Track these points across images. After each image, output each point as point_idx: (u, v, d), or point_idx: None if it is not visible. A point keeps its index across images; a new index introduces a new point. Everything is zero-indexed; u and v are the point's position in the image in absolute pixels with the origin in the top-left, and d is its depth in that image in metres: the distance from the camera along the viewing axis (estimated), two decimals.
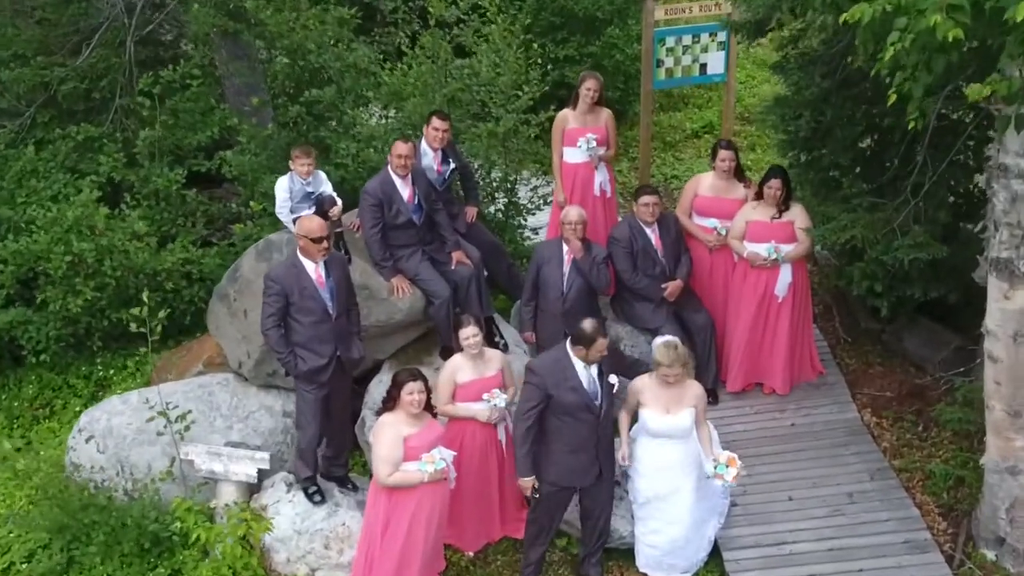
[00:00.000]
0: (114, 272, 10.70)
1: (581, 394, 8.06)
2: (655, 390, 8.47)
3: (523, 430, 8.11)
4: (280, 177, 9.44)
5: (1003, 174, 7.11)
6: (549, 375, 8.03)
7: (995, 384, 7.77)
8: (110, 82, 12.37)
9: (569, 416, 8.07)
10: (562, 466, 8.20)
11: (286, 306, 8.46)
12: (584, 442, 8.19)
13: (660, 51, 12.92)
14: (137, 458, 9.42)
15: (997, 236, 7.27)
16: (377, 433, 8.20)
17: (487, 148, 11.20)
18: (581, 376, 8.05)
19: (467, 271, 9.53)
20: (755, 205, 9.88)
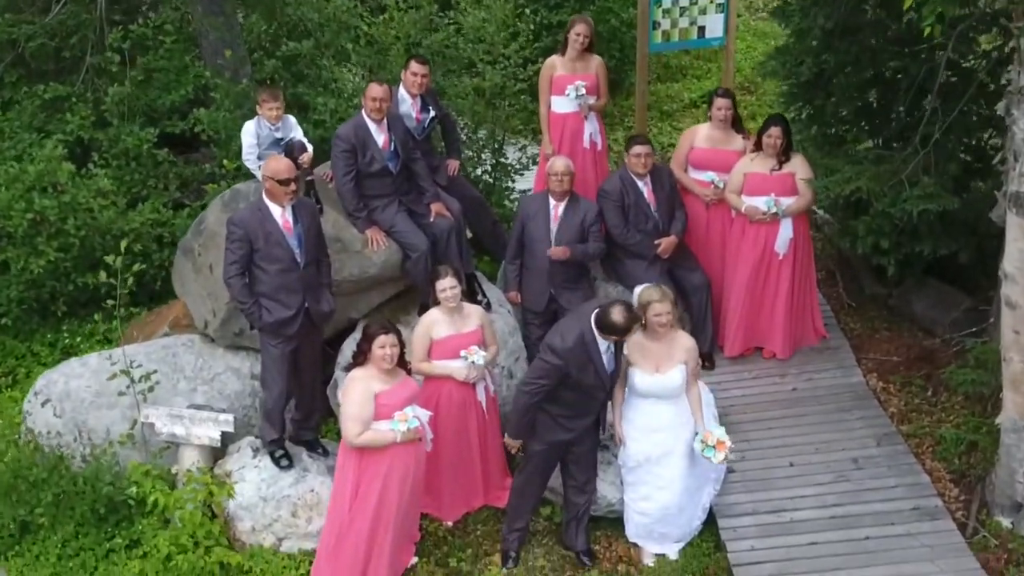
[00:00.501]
0: (78, 231, 10.12)
1: (602, 375, 7.58)
2: (644, 346, 7.89)
3: (528, 403, 7.59)
4: (247, 122, 8.86)
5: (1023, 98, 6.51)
6: (573, 359, 7.46)
7: (1013, 334, 7.18)
8: (80, 39, 11.80)
9: (582, 392, 7.60)
10: (561, 429, 7.72)
11: (250, 253, 7.88)
12: (587, 410, 7.77)
13: (656, 13, 12.28)
14: (96, 422, 8.84)
15: (1017, 168, 6.67)
16: (346, 389, 7.63)
17: (473, 105, 10.67)
18: (604, 357, 7.55)
19: (447, 224, 8.95)
20: (753, 157, 9.31)
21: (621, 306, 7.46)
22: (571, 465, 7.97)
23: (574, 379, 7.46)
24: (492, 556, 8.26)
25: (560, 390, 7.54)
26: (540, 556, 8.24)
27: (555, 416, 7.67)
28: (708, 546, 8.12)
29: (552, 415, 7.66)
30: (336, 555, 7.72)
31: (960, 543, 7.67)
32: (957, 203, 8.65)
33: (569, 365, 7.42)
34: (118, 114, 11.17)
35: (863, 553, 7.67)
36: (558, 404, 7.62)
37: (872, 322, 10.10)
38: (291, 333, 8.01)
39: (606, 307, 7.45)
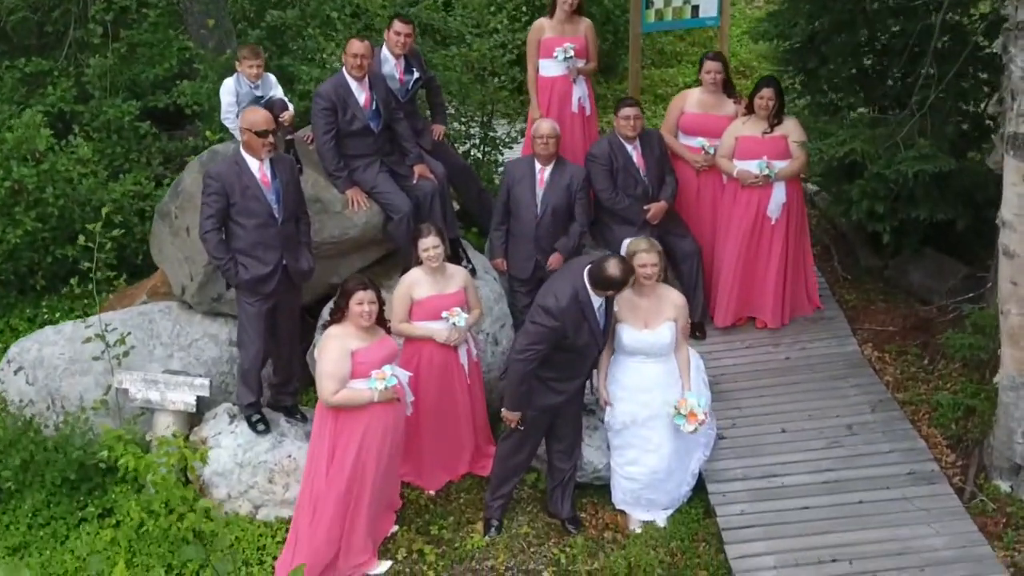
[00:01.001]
0: (56, 200, 9.88)
1: (596, 334, 7.38)
2: (632, 301, 7.65)
3: (525, 370, 7.31)
4: (226, 80, 8.65)
5: (1021, 33, 6.29)
6: (569, 318, 7.21)
7: (1011, 285, 6.93)
8: (63, 13, 11.62)
9: (575, 352, 7.37)
10: (550, 392, 7.48)
11: (227, 207, 7.66)
12: (578, 373, 7.54)
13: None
14: (69, 389, 8.61)
15: (1014, 107, 6.44)
16: (322, 347, 7.39)
17: (460, 76, 10.47)
18: (599, 315, 7.34)
19: (430, 186, 8.72)
20: (745, 120, 9.08)
21: (615, 259, 7.25)
22: (557, 429, 7.72)
23: (569, 340, 7.22)
24: (475, 524, 8.00)
25: (552, 353, 7.29)
26: (524, 524, 7.97)
27: (546, 380, 7.42)
28: (697, 512, 7.86)
29: (543, 379, 7.40)
30: (313, 522, 7.45)
31: (957, 506, 7.42)
32: (954, 164, 8.42)
33: (565, 326, 7.18)
34: (100, 87, 10.95)
35: (856, 516, 7.41)
36: (549, 367, 7.36)
37: (868, 294, 9.86)
38: (268, 291, 7.79)
39: (600, 262, 7.22)
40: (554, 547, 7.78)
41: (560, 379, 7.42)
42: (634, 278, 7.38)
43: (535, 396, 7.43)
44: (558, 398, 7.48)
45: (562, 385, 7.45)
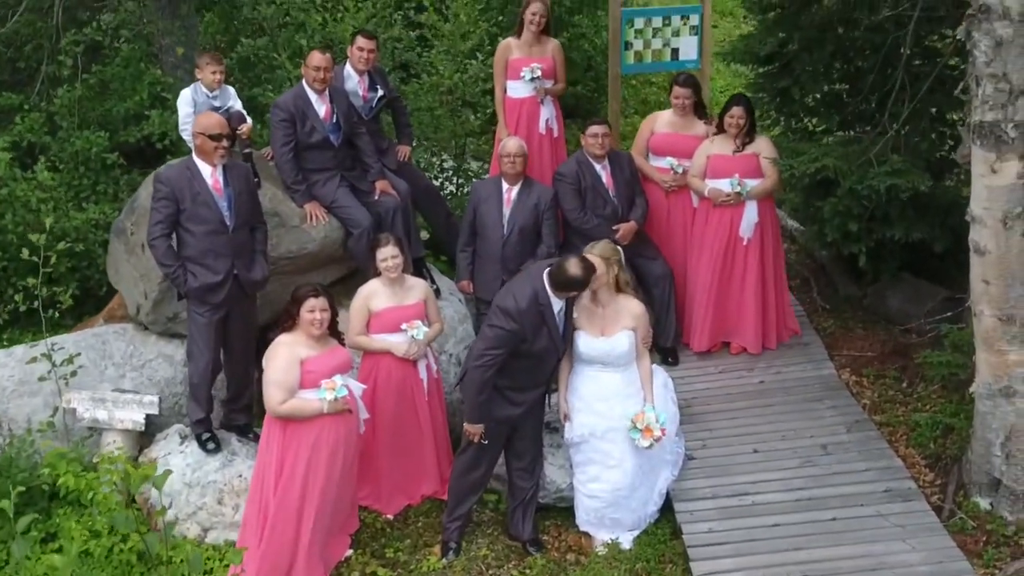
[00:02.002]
0: (16, 228, 9.67)
1: (555, 339, 7.09)
2: (590, 308, 7.41)
3: (483, 378, 7.01)
4: (183, 90, 8.49)
5: (984, 17, 6.11)
6: (528, 321, 6.95)
7: (983, 284, 6.66)
8: (35, 48, 11.53)
9: (533, 359, 7.09)
10: (507, 403, 7.18)
11: (176, 213, 7.44)
12: (535, 381, 7.23)
13: (628, 32, 11.99)
14: (16, 411, 8.29)
15: (980, 93, 6.23)
16: (271, 355, 7.11)
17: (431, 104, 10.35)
18: (558, 319, 7.08)
19: (392, 202, 8.52)
20: (715, 139, 8.89)
21: (576, 258, 7.02)
22: (516, 445, 7.41)
23: (527, 345, 6.95)
24: (432, 547, 7.62)
25: (510, 360, 7.00)
26: (483, 546, 7.61)
27: (503, 390, 7.12)
28: (664, 533, 7.50)
29: (499, 389, 7.11)
30: (261, 542, 7.10)
31: (934, 523, 7.07)
32: (928, 180, 8.23)
33: (524, 329, 6.91)
34: (69, 118, 10.81)
35: (829, 533, 7.07)
36: (506, 375, 7.07)
37: (846, 322, 9.60)
38: (218, 301, 7.53)
39: (560, 262, 7.00)
40: (514, 569, 7.41)
41: (517, 388, 7.12)
42: (594, 276, 7.10)
43: (493, 406, 7.13)
44: (515, 410, 7.18)
45: (519, 396, 7.15)
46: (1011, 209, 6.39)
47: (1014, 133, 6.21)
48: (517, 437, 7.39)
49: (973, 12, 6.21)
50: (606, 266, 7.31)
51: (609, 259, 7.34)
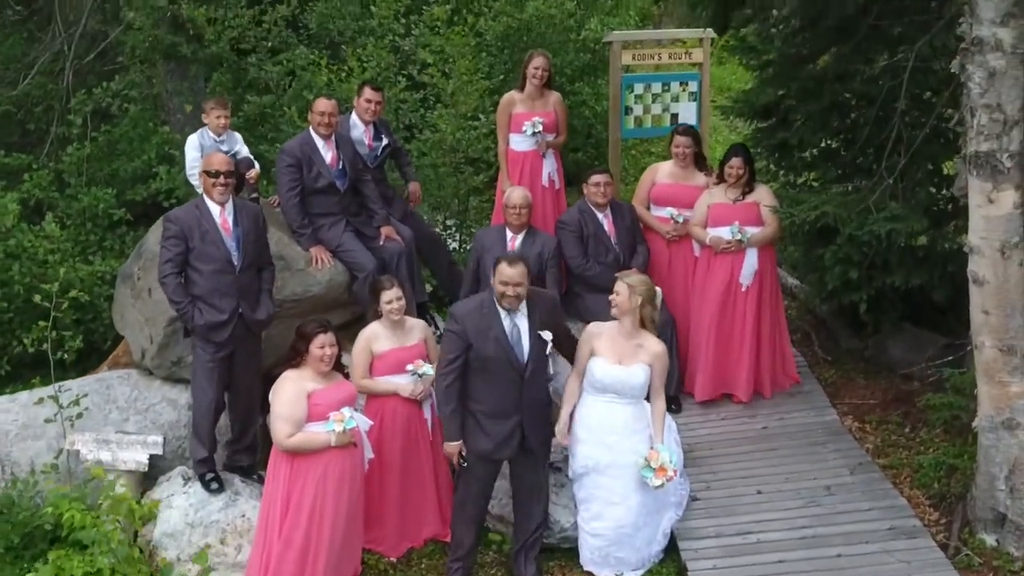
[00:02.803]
0: (23, 279, 9.77)
1: (503, 346, 7.03)
2: (612, 337, 7.41)
3: (443, 387, 7.09)
4: (190, 135, 8.64)
5: (978, 49, 6.27)
6: (470, 321, 7.03)
7: (983, 315, 6.73)
8: (46, 110, 11.77)
9: (489, 372, 7.05)
10: (481, 433, 7.14)
11: (186, 252, 7.52)
12: (506, 405, 7.12)
13: (628, 98, 12.23)
14: (19, 454, 8.30)
15: (975, 124, 6.36)
16: (277, 389, 7.14)
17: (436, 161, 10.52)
18: (505, 324, 7.04)
19: (396, 248, 8.63)
20: (716, 188, 9.03)
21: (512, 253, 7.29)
22: (515, 485, 7.43)
23: (476, 350, 6.96)
24: None
25: (471, 376, 7.06)
26: None
27: (476, 414, 7.12)
28: (669, 572, 7.47)
29: (473, 412, 7.12)
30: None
31: (941, 559, 7.04)
32: (927, 224, 8.34)
33: (467, 328, 6.97)
34: (76, 174, 10.98)
35: (834, 570, 7.04)
36: (473, 395, 7.11)
37: (848, 372, 9.63)
38: (222, 339, 7.58)
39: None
40: None
41: (487, 413, 7.08)
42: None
43: (469, 436, 7.13)
44: (488, 442, 7.12)
45: (491, 425, 7.09)
46: (1008, 239, 6.49)
47: (1009, 163, 6.34)
48: (514, 479, 7.38)
49: (966, 46, 6.37)
50: (629, 293, 7.33)
51: (634, 287, 7.37)
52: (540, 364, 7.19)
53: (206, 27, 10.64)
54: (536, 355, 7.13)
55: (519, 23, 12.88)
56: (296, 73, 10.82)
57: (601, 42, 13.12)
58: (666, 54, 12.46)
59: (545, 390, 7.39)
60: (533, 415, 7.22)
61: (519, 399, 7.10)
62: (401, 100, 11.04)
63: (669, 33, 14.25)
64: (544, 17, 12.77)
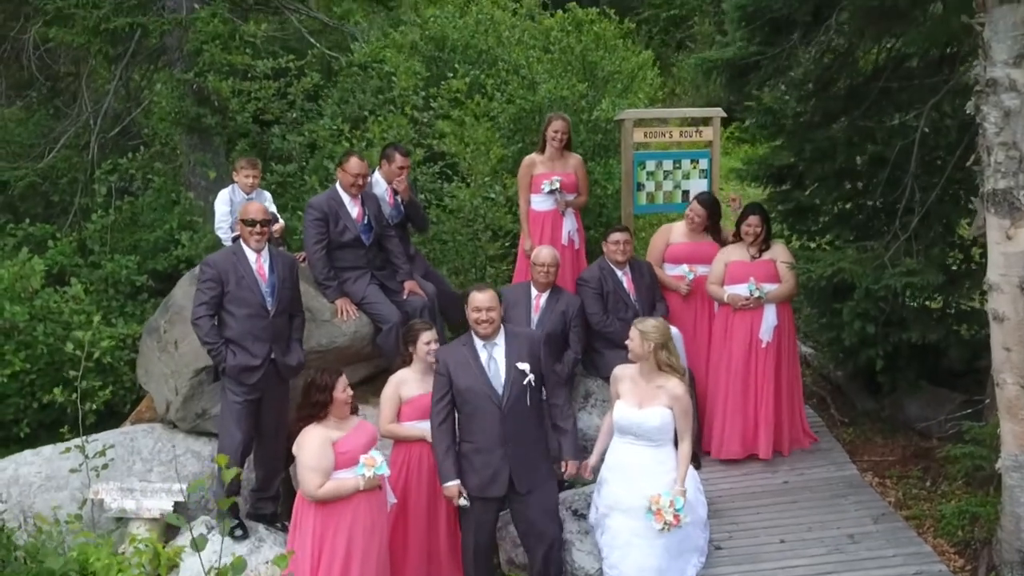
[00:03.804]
0: (47, 339, 9.87)
1: (480, 378, 7.07)
2: (635, 380, 7.49)
3: (435, 427, 7.15)
4: (221, 191, 8.84)
5: (992, 90, 6.47)
6: (450, 357, 7.15)
7: (1004, 352, 6.81)
8: (70, 182, 12.01)
9: (469, 405, 7.10)
10: (470, 471, 7.14)
11: (221, 296, 7.66)
12: (488, 440, 7.10)
13: (640, 175, 12.47)
14: (43, 505, 8.31)
15: (991, 161, 6.54)
16: (303, 442, 7.07)
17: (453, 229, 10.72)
18: (481, 357, 7.12)
19: (420, 302, 8.76)
20: (733, 247, 9.20)
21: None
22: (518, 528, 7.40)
23: (456, 385, 7.04)
24: None
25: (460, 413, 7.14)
26: None
27: (466, 452, 7.14)
28: None
29: (464, 452, 7.14)
30: None
31: None
32: (942, 278, 8.47)
33: (449, 367, 7.08)
34: (99, 242, 11.16)
35: None
36: (463, 434, 7.16)
37: (866, 432, 9.70)
38: (253, 382, 7.66)
39: None
40: None
41: (475, 449, 7.10)
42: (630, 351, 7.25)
43: (464, 472, 7.13)
44: (476, 479, 7.10)
45: (478, 460, 7.08)
46: None
47: None
48: (514, 517, 7.37)
49: (980, 88, 6.58)
50: (641, 339, 7.43)
51: (646, 333, 7.45)
52: (519, 397, 7.13)
53: (231, 99, 10.89)
54: (513, 387, 7.11)
55: (531, 104, 13.20)
56: (318, 144, 11.05)
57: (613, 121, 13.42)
58: (677, 132, 12.72)
59: (533, 425, 7.26)
60: (518, 450, 7.13)
61: (501, 432, 7.08)
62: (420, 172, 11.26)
63: (680, 112, 14.58)
64: (556, 99, 13.06)
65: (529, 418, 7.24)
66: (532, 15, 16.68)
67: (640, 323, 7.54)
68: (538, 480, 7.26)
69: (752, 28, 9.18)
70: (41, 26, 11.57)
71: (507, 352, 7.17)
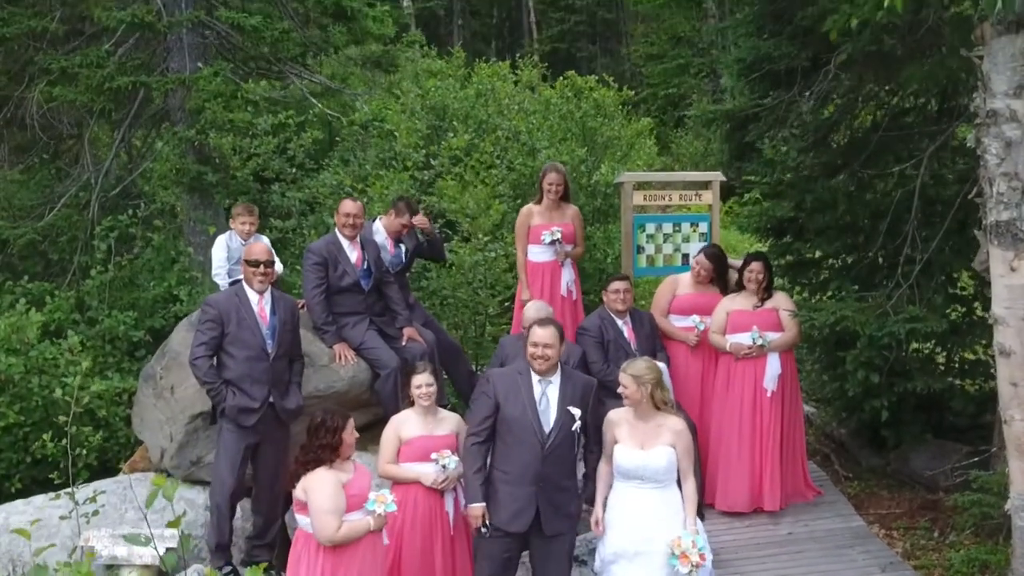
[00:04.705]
0: (41, 391, 9.77)
1: (529, 411, 6.94)
2: (632, 423, 7.33)
3: (470, 446, 7.01)
4: (219, 236, 8.81)
5: (992, 121, 6.47)
6: (501, 383, 7.02)
7: (1011, 387, 6.71)
8: (70, 240, 12.00)
9: (513, 436, 6.94)
10: (496, 501, 6.96)
11: (221, 337, 7.59)
12: (523, 474, 6.93)
13: (640, 237, 12.47)
14: (31, 555, 8.12)
15: (993, 192, 6.51)
16: (314, 487, 6.79)
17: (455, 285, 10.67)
18: (535, 391, 7.00)
19: (419, 348, 8.68)
20: (735, 295, 9.14)
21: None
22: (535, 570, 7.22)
23: (503, 412, 6.90)
24: None
25: (497, 439, 6.98)
26: None
27: (495, 480, 6.97)
28: None
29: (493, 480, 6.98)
30: None
31: None
32: (945, 325, 8.42)
33: (498, 389, 6.95)
34: (97, 298, 11.11)
35: None
36: (496, 462, 7.00)
37: (871, 487, 9.56)
38: (251, 424, 7.56)
39: None
40: None
41: (506, 479, 6.94)
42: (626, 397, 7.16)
43: (492, 504, 6.96)
44: (502, 511, 6.93)
45: (507, 492, 6.92)
46: None
47: None
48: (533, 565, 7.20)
49: (981, 120, 6.58)
50: (636, 384, 7.31)
51: (639, 377, 7.34)
52: (565, 439, 7.03)
53: (231, 155, 10.93)
54: (561, 428, 7.00)
55: (531, 170, 13.27)
56: (319, 200, 11.07)
57: (612, 186, 13.47)
58: (676, 195, 12.75)
59: (567, 472, 7.15)
60: (550, 491, 6.99)
61: (539, 470, 6.94)
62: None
63: (679, 175, 14.60)
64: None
65: (567, 462, 7.14)
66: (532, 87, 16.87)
67: (630, 367, 7.37)
68: (565, 526, 7.13)
69: (752, 80, 9.23)
70: (46, 86, 11.64)
71: (561, 392, 7.07)
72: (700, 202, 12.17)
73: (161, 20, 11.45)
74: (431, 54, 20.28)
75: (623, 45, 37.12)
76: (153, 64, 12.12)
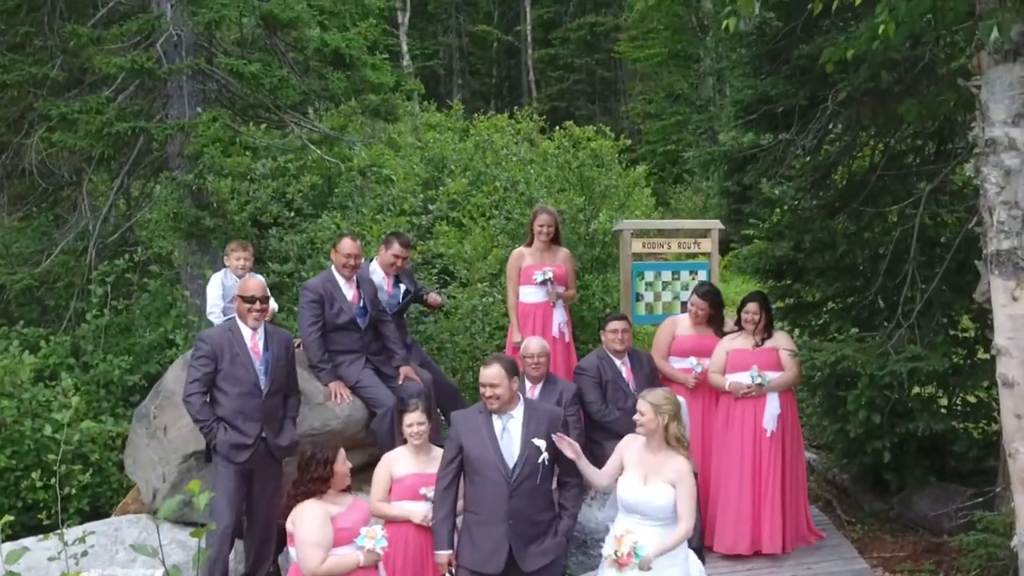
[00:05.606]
0: (34, 434, 9.66)
1: (491, 447, 6.80)
2: (641, 453, 7.19)
3: (440, 490, 6.89)
4: (213, 275, 8.76)
5: (991, 150, 6.45)
6: (462, 423, 6.90)
7: (1015, 419, 6.62)
8: (67, 286, 11.95)
9: (478, 475, 6.81)
10: (469, 543, 6.84)
11: (214, 373, 7.52)
12: (492, 513, 6.78)
13: (639, 285, 12.46)
14: None
15: (994, 221, 6.47)
16: (301, 517, 6.74)
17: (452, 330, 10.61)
18: (496, 427, 6.86)
19: (415, 387, 8.58)
20: (734, 336, 9.07)
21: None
22: None
23: (466, 451, 6.78)
24: None
25: (466, 480, 6.86)
26: None
27: (469, 523, 6.87)
28: None
29: (467, 523, 6.88)
30: None
31: None
32: (947, 364, 8.35)
33: (460, 432, 6.84)
34: (93, 342, 11.04)
35: None
36: (468, 504, 6.89)
37: (875, 532, 9.44)
38: (243, 460, 7.46)
39: None
40: None
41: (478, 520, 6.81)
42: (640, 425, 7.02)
43: (460, 546, 6.87)
44: (475, 553, 6.79)
45: (479, 533, 6.78)
46: None
47: None
48: None
49: (980, 149, 6.56)
50: (654, 412, 7.17)
51: (659, 406, 7.21)
52: (532, 473, 6.84)
53: (229, 199, 10.91)
54: (526, 462, 6.82)
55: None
56: (316, 244, 11.04)
57: (610, 234, 13.46)
58: (675, 243, 12.74)
59: (540, 506, 6.94)
60: (521, 527, 6.82)
61: (508, 507, 6.78)
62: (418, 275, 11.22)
63: (678, 223, 14.63)
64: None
65: (539, 496, 6.95)
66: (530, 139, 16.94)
67: (649, 395, 7.25)
68: (546, 561, 6.94)
69: (749, 121, 9.25)
70: (45, 132, 11.66)
71: (524, 425, 6.90)
72: (699, 250, 12.21)
73: (161, 67, 11.49)
74: (430, 108, 20.41)
75: (621, 103, 37.44)
76: (153, 111, 12.15)
